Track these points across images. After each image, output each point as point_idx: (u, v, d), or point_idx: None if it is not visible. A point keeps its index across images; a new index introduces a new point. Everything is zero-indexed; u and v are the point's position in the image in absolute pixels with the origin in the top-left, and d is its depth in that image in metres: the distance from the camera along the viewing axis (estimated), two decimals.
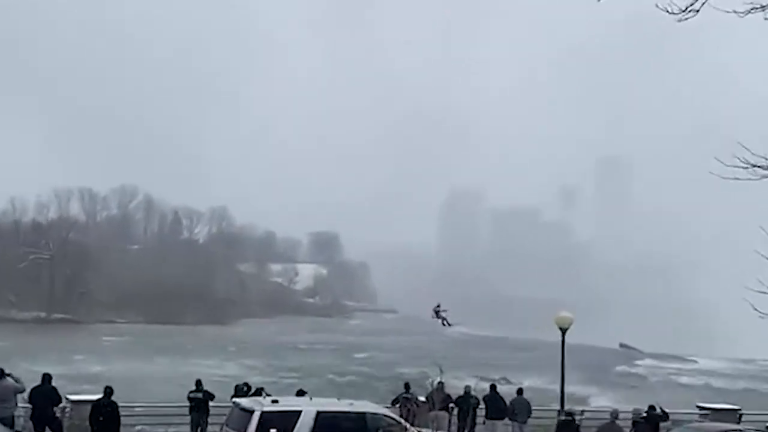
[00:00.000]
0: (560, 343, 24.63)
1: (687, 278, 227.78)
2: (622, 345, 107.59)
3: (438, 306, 44.00)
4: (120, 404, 19.79)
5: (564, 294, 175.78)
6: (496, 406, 24.22)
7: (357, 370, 67.19)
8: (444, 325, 43.69)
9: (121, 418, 19.57)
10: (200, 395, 22.89)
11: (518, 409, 24.19)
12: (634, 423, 19.70)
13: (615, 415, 19.81)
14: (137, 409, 24.26)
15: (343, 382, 58.57)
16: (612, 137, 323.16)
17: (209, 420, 22.75)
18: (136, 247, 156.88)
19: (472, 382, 26.28)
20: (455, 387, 28.49)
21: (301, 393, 22.34)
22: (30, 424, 19.97)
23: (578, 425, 20.17)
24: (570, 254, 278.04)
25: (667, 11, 9.09)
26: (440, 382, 19.60)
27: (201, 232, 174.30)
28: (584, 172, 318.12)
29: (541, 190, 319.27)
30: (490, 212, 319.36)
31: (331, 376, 62.50)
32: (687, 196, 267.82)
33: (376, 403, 19.92)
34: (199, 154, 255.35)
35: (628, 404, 28.75)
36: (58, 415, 20.71)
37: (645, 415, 20.87)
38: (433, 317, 41.86)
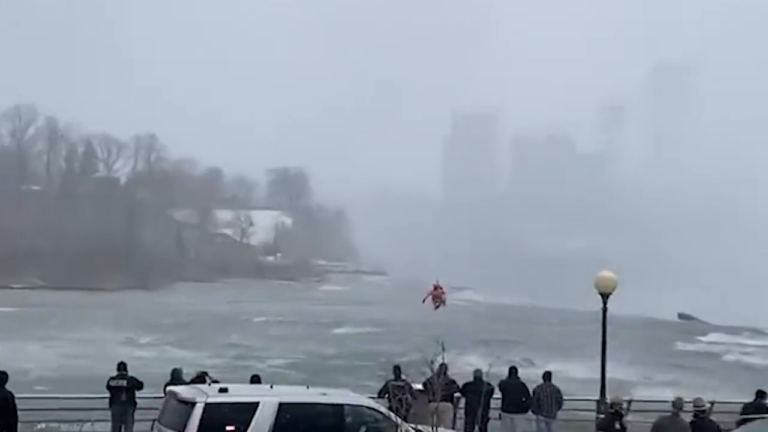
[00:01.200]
0: (601, 312, 24.80)
1: (766, 228, 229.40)
2: (681, 315, 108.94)
3: (437, 287, 44.30)
4: (17, 395, 19.79)
5: (606, 249, 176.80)
6: (515, 395, 24.45)
7: (332, 350, 67.73)
8: (437, 308, 44.26)
9: (19, 413, 19.57)
10: (124, 383, 23.00)
11: (545, 399, 24.42)
12: (696, 416, 19.62)
13: (678, 405, 19.75)
14: (40, 401, 24.33)
15: (313, 365, 59.10)
16: (670, 42, 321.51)
17: (136, 415, 22.88)
18: (35, 188, 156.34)
19: (484, 365, 26.45)
20: (463, 371, 28.66)
21: (256, 379, 22.51)
22: None
23: (624, 421, 20.27)
24: (614, 197, 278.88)
25: None
26: (442, 365, 19.69)
27: (123, 169, 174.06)
28: (632, 89, 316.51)
29: (576, 112, 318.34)
30: (510, 142, 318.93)
31: (297, 357, 63.12)
32: (765, 121, 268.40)
33: (358, 392, 20.05)
34: (120, 65, 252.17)
35: (688, 392, 29.11)
36: None
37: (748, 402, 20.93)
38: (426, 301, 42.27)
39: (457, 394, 24.38)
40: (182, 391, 17.57)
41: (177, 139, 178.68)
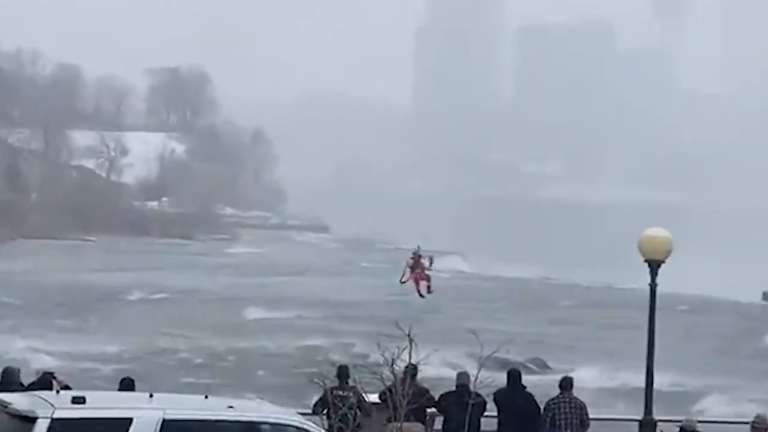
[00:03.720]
0: (648, 291, 25.00)
1: None
2: (767, 296, 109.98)
3: (417, 254, 44.84)
4: None
5: (657, 196, 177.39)
6: (517, 412, 24.68)
7: (243, 343, 67.94)
8: (422, 295, 45.20)
9: None
10: None
11: (562, 418, 24.67)
12: None
13: (763, 425, 20.07)
14: None
15: (217, 367, 59.28)
16: None
17: None
18: None
19: (471, 367, 26.60)
20: (441, 376, 28.74)
21: (128, 384, 22.62)
22: None
23: None
24: (670, 113, 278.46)
25: None
26: (411, 366, 19.74)
27: None
28: None
29: None
30: (516, 33, 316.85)
31: (192, 354, 63.36)
32: None
33: (283, 404, 20.11)
34: None
35: None
36: None
37: None
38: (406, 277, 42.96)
39: (431, 409, 24.55)
40: (17, 400, 17.51)
41: (11, 23, 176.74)
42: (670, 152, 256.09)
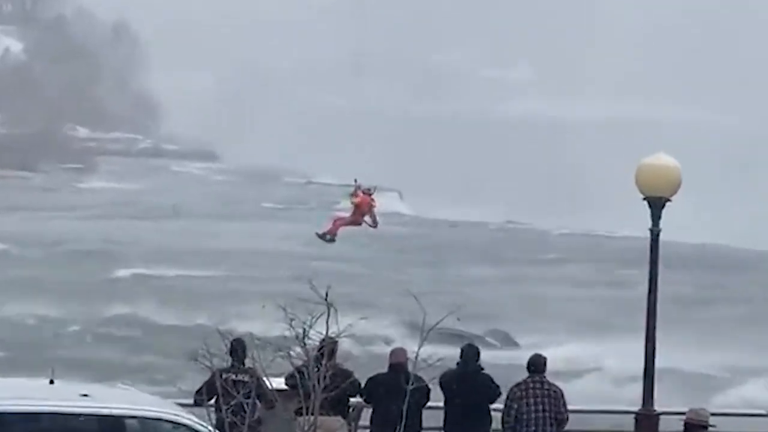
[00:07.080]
0: (648, 239, 25.17)
1: None
2: None
3: (360, 187, 45.33)
4: None
5: (659, 108, 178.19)
6: (472, 400, 24.81)
7: (107, 311, 67.96)
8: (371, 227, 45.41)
9: None
10: None
11: (532, 409, 24.81)
12: None
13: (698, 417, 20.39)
14: None
15: (69, 341, 59.26)
16: None
17: None
18: None
19: (410, 341, 26.70)
20: (370, 353, 28.98)
21: None
22: None
23: None
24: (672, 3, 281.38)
25: None
26: (329, 341, 19.73)
27: None
28: None
29: None
30: None
31: (26, 327, 63.25)
32: None
33: (156, 393, 20.14)
34: None
35: None
36: None
37: None
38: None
39: (355, 398, 24.71)
40: None
41: None
42: (678, 52, 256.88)
